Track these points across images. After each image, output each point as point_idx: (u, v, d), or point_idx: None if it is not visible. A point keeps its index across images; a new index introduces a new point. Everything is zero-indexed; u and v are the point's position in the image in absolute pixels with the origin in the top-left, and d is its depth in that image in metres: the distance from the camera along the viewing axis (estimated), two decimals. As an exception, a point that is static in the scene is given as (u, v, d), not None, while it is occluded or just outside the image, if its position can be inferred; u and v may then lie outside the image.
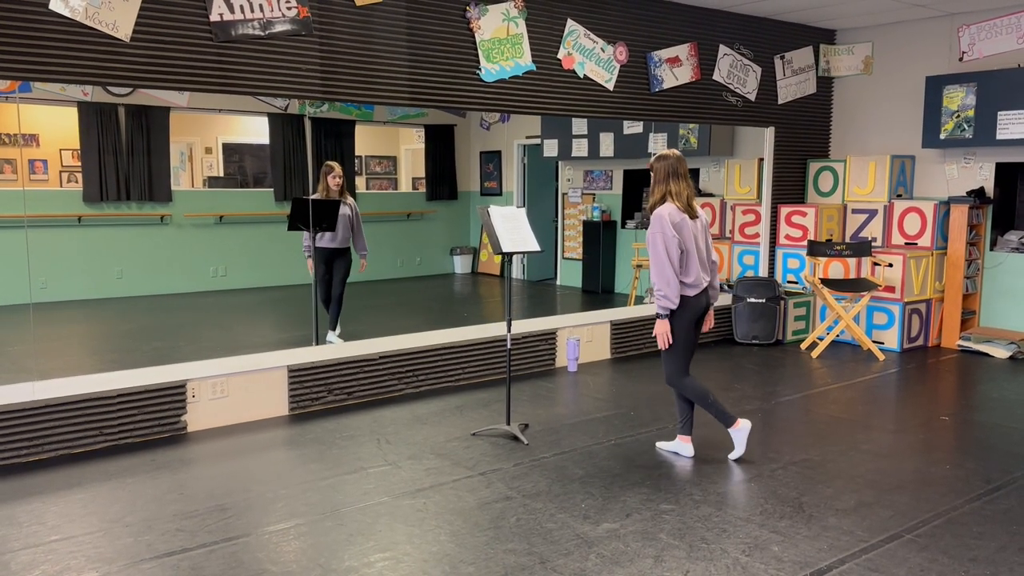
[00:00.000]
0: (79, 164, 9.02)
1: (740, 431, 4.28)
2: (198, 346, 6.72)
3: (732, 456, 4.30)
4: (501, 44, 5.73)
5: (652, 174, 4.26)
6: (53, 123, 9.34)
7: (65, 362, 6.06)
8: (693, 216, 4.19)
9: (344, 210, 6.49)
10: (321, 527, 3.49)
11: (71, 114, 8.73)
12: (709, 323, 4.39)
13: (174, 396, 4.76)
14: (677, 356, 4.25)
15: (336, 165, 6.57)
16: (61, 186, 9.55)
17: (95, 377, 4.63)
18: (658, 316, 4.16)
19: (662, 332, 4.15)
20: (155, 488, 3.94)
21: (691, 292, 4.18)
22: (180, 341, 6.98)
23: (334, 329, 6.53)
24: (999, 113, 6.71)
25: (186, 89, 4.66)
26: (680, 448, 4.39)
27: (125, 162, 8.91)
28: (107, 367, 5.03)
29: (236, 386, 4.98)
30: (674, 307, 4.11)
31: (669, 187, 4.18)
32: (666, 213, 4.12)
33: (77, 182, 9.20)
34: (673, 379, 4.30)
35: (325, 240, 6.51)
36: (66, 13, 4.16)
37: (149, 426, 4.67)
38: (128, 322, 7.96)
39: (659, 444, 4.52)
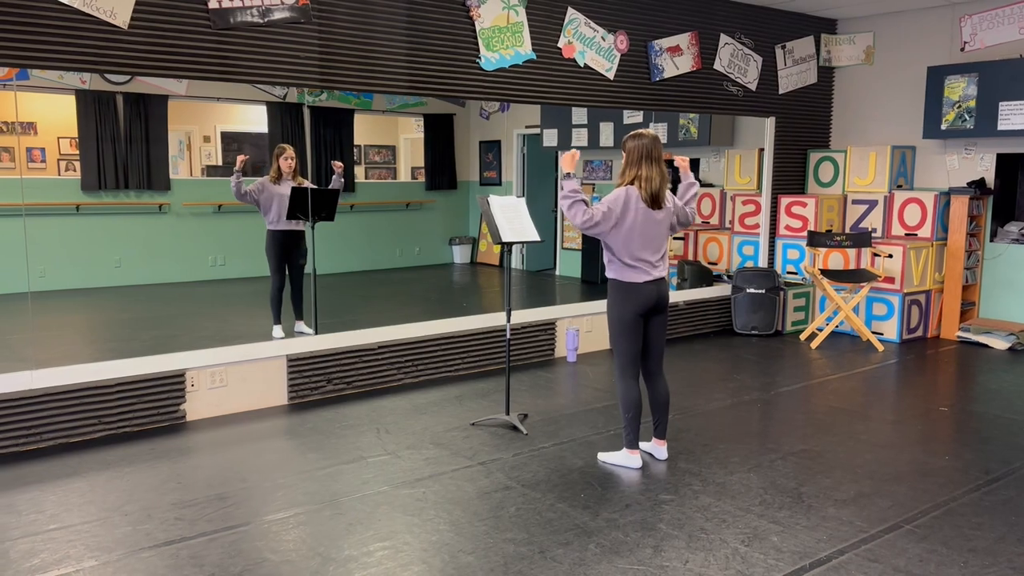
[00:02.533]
0: (77, 152, 8.98)
1: (632, 457, 4.04)
2: (197, 335, 6.70)
3: (602, 456, 4.15)
4: (501, 32, 5.70)
5: (624, 154, 3.88)
6: (51, 111, 9.29)
7: (64, 351, 6.04)
8: (658, 207, 3.83)
9: (285, 191, 6.21)
10: (320, 516, 3.49)
11: (69, 102, 8.68)
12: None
13: (173, 385, 4.75)
14: (619, 349, 3.96)
15: (288, 147, 6.35)
16: (59, 175, 9.50)
17: (94, 366, 4.61)
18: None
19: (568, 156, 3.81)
20: (154, 477, 3.94)
21: (634, 277, 3.84)
22: (179, 330, 6.96)
23: (300, 319, 6.32)
24: (1000, 104, 6.69)
25: (184, 77, 4.63)
26: (653, 450, 4.20)
27: (123, 150, 8.87)
28: (106, 356, 5.01)
29: (235, 375, 4.98)
30: (579, 191, 3.74)
31: (640, 171, 3.79)
32: (621, 192, 3.79)
33: (75, 171, 9.15)
34: (616, 373, 4.03)
35: (278, 223, 6.21)
36: (64, 0, 4.13)
37: (148, 415, 4.67)
38: (126, 311, 7.94)
39: (642, 445, 4.25)
